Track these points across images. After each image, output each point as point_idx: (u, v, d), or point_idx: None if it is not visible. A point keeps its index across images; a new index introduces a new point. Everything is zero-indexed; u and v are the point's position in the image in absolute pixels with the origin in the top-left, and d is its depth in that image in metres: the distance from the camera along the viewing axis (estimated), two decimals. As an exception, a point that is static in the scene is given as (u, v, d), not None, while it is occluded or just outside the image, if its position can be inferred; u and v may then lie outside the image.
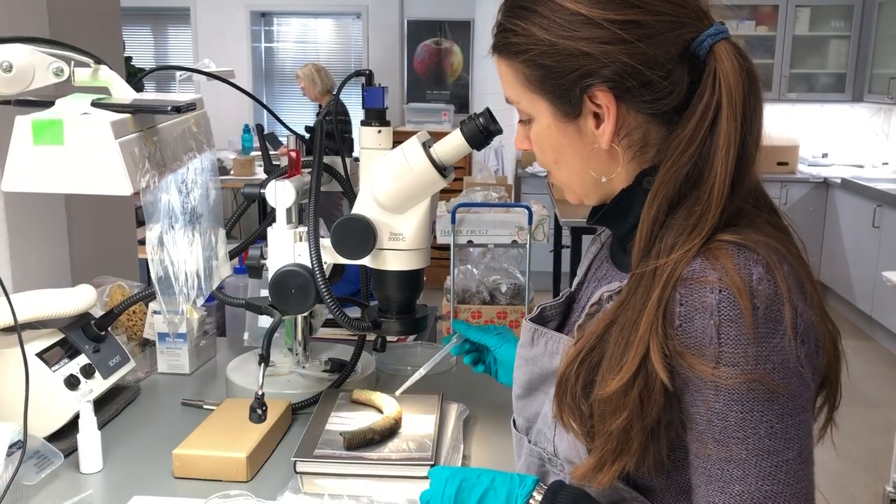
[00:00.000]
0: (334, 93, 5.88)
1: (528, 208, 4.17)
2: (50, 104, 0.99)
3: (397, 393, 1.32)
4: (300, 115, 6.72)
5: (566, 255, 4.75)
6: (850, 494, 3.24)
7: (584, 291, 0.98)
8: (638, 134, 0.83)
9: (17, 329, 1.10)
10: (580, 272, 1.01)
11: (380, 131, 1.33)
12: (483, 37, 5.67)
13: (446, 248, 4.28)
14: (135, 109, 0.99)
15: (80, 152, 0.95)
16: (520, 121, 0.90)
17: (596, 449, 0.79)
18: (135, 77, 1.09)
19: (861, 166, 5.82)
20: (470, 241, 4.25)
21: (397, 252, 1.28)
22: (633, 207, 0.85)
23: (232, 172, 5.45)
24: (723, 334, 0.72)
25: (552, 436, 0.90)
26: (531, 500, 0.86)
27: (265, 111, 1.52)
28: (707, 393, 0.74)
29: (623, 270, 0.90)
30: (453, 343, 1.32)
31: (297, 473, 1.18)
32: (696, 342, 0.74)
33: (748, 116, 0.77)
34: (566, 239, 4.68)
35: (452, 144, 1.17)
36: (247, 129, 6.10)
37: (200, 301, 1.18)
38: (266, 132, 5.24)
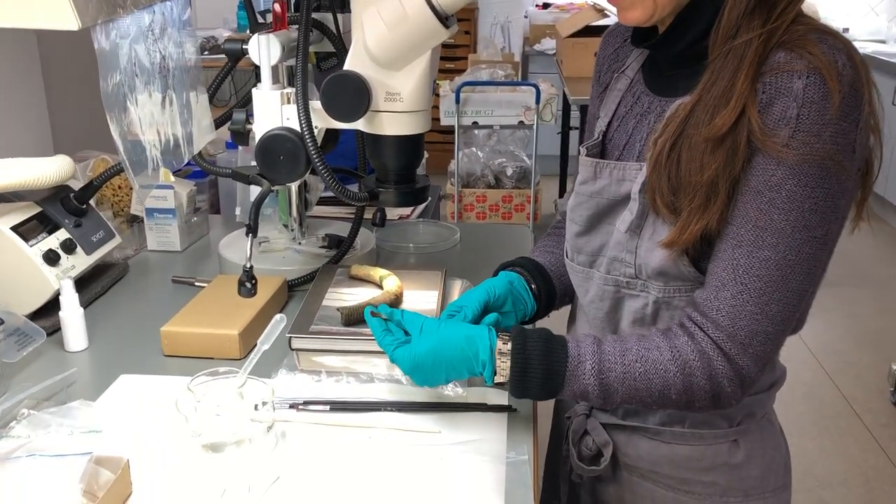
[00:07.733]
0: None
1: (536, 87, 4.01)
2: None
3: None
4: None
5: (574, 137, 4.60)
6: (856, 373, 3.24)
7: (620, 128, 0.97)
8: None
9: (-16, 198, 1.02)
10: (606, 112, 0.99)
11: (374, -22, 1.19)
12: None
13: (450, 130, 4.14)
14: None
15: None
16: None
17: (682, 210, 0.83)
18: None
19: (884, 41, 5.60)
20: (475, 123, 4.11)
21: (394, 115, 1.17)
22: (700, 19, 0.86)
23: (227, 52, 5.25)
24: (802, 116, 0.77)
25: (633, 258, 0.91)
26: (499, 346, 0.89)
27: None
28: (769, 166, 0.79)
29: (665, 95, 0.92)
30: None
31: (293, 350, 1.12)
32: (772, 124, 0.78)
33: None
34: (574, 120, 4.52)
35: (455, -11, 1.04)
36: (241, 6, 5.83)
37: (177, 165, 1.08)
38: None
